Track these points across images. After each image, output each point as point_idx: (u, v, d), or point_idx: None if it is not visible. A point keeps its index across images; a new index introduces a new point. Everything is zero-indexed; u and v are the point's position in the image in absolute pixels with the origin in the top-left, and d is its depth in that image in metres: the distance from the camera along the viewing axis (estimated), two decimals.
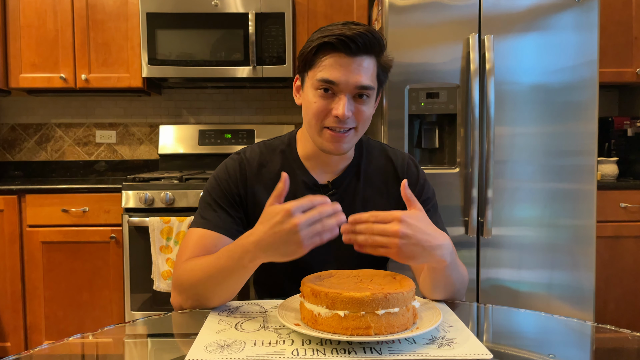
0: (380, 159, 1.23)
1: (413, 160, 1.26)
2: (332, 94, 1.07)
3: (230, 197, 1.15)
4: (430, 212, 1.18)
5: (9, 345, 2.50)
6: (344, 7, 2.78)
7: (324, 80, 1.05)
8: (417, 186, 1.21)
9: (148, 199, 2.37)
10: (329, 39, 1.04)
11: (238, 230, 1.14)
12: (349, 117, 1.05)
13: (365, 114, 1.09)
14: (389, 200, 1.20)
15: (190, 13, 2.66)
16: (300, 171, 1.18)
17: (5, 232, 2.47)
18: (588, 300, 2.22)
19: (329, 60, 1.05)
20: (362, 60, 1.05)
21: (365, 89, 1.06)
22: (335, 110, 1.06)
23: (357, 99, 1.07)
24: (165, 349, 0.94)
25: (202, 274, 1.00)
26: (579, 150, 2.19)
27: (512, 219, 2.20)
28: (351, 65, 1.04)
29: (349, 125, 1.08)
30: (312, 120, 1.10)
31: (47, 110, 3.12)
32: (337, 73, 1.04)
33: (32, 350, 0.86)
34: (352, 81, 1.04)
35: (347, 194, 1.18)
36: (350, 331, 0.80)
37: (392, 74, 2.20)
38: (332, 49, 1.05)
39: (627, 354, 0.93)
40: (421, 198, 1.19)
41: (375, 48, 1.07)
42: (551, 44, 2.17)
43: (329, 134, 1.08)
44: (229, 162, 1.19)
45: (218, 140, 3.00)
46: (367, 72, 1.06)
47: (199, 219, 1.13)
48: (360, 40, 1.03)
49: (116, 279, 2.49)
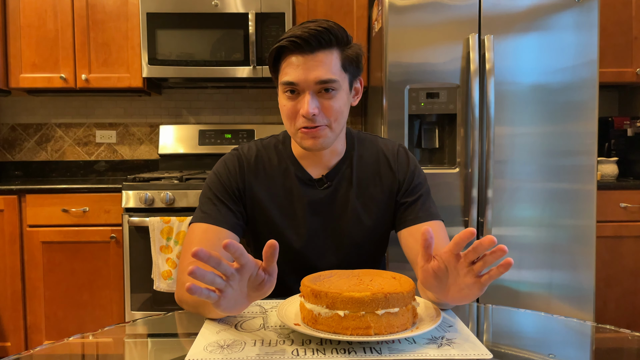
0: (371, 149, 1.24)
1: (404, 147, 1.26)
2: (297, 94, 1.08)
3: (231, 192, 1.16)
4: (423, 197, 1.20)
5: (9, 345, 2.50)
6: (344, 7, 2.78)
7: (285, 83, 1.08)
8: (408, 173, 1.21)
9: (148, 199, 2.37)
10: (282, 43, 1.07)
11: (239, 225, 1.15)
12: (314, 113, 1.06)
13: (334, 108, 1.09)
14: (382, 189, 1.21)
15: (190, 13, 2.66)
16: (295, 167, 1.20)
17: (5, 232, 2.47)
18: (588, 300, 2.22)
19: (287, 63, 1.08)
20: (320, 55, 1.06)
21: (326, 83, 1.07)
22: (301, 109, 1.07)
23: (323, 94, 1.08)
24: (165, 349, 0.94)
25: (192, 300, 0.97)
26: (579, 150, 2.19)
27: (512, 219, 2.20)
28: (307, 63, 1.06)
29: (319, 122, 1.08)
30: (287, 123, 1.12)
31: (47, 110, 3.12)
32: (295, 73, 1.06)
33: (32, 350, 0.86)
34: (311, 78, 1.06)
35: (341, 186, 1.20)
36: (350, 331, 0.80)
37: (392, 74, 2.23)
38: (288, 52, 1.07)
39: (627, 354, 0.94)
40: (412, 184, 1.20)
41: (332, 41, 1.07)
42: (551, 44, 2.17)
43: (302, 133, 1.09)
44: (228, 158, 1.21)
45: (218, 140, 3.00)
46: (326, 66, 1.06)
47: (200, 214, 1.13)
48: (313, 38, 1.05)
49: (116, 279, 2.49)
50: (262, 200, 1.17)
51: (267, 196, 1.18)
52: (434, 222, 1.17)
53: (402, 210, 1.19)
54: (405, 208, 1.19)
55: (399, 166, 1.22)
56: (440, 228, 1.17)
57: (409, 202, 1.19)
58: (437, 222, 1.17)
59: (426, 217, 1.17)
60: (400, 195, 1.20)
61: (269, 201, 1.18)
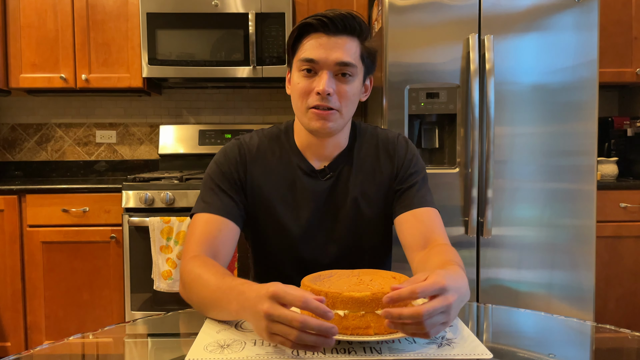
0: (372, 140, 1.24)
1: (404, 137, 1.26)
2: (314, 73, 1.08)
3: (232, 181, 1.15)
4: (418, 184, 1.19)
5: (9, 345, 2.50)
6: (344, 7, 2.76)
7: (305, 59, 1.08)
8: (405, 160, 1.21)
9: (148, 199, 2.37)
10: (309, 21, 1.07)
11: (240, 215, 1.15)
12: (329, 92, 1.06)
13: (348, 94, 1.09)
14: (382, 180, 1.20)
15: (190, 13, 2.66)
16: (297, 158, 1.19)
17: (5, 232, 2.47)
18: (588, 300, 2.22)
19: (310, 41, 1.08)
20: (343, 39, 1.08)
21: (346, 66, 1.07)
22: (317, 87, 1.07)
23: (340, 78, 1.08)
24: (165, 349, 0.94)
25: (197, 298, 0.96)
26: (579, 150, 2.19)
27: (512, 219, 2.20)
28: (330, 42, 1.07)
29: (332, 104, 1.08)
30: (298, 102, 1.11)
31: (48, 110, 3.12)
32: (317, 51, 1.07)
33: (33, 350, 0.86)
34: (332, 58, 1.06)
35: (342, 176, 1.19)
36: (350, 331, 0.80)
37: (392, 74, 2.23)
38: (313, 31, 1.08)
39: (627, 354, 0.94)
40: (408, 171, 1.20)
41: (356, 30, 1.09)
42: (551, 44, 2.17)
43: (313, 113, 1.09)
44: (229, 147, 1.20)
45: (218, 140, 3.00)
46: (348, 51, 1.08)
47: (201, 204, 1.13)
48: (340, 21, 1.06)
49: (116, 279, 2.49)
50: (263, 190, 1.17)
51: (268, 186, 1.17)
52: (428, 208, 1.16)
53: (398, 197, 1.19)
54: (401, 194, 1.18)
55: (397, 154, 1.21)
56: (434, 215, 1.16)
57: (403, 188, 1.18)
58: (431, 209, 1.16)
59: (420, 204, 1.16)
60: (397, 182, 1.20)
61: (270, 191, 1.17)
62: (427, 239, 1.11)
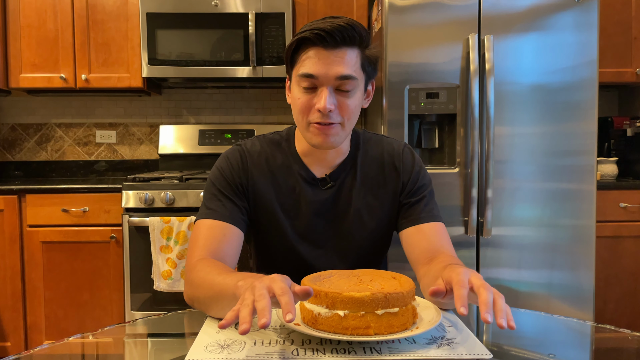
0: (376, 149, 1.23)
1: (409, 147, 1.25)
2: (314, 88, 1.07)
3: (234, 186, 1.15)
4: (426, 198, 1.19)
5: (9, 345, 2.50)
6: (344, 7, 2.78)
7: (304, 75, 1.05)
8: (412, 174, 1.21)
9: (148, 198, 2.37)
10: (306, 34, 1.04)
11: (243, 220, 1.15)
12: (331, 109, 1.05)
13: (350, 108, 1.08)
14: (386, 190, 1.20)
15: (190, 13, 2.66)
16: (298, 166, 1.19)
17: (5, 232, 2.47)
18: (588, 300, 2.22)
19: (308, 55, 1.05)
20: (342, 52, 1.05)
21: (346, 79, 1.05)
22: (317, 103, 1.06)
23: (341, 92, 1.07)
24: (165, 349, 0.94)
25: (205, 294, 0.96)
26: (579, 150, 2.19)
27: (511, 219, 2.20)
28: (330, 57, 1.04)
29: (334, 119, 1.07)
30: (299, 117, 1.10)
31: (47, 110, 3.12)
32: (316, 66, 1.04)
33: (32, 350, 0.86)
34: (332, 73, 1.04)
35: (344, 186, 1.19)
36: (350, 331, 0.80)
37: (392, 74, 2.22)
38: (311, 44, 1.05)
39: (627, 354, 0.94)
40: (416, 185, 1.20)
41: (356, 40, 1.06)
42: (551, 44, 2.17)
43: (315, 128, 1.08)
44: (230, 153, 1.20)
45: (218, 140, 3.00)
46: (348, 63, 1.05)
47: (205, 210, 1.13)
48: (338, 33, 1.03)
49: (116, 279, 2.49)
50: (265, 197, 1.17)
51: (270, 193, 1.17)
52: (435, 223, 1.16)
53: (405, 210, 1.19)
54: (408, 208, 1.19)
55: (404, 167, 1.21)
56: (441, 229, 1.17)
57: (411, 202, 1.18)
58: (438, 223, 1.17)
59: (428, 218, 1.16)
60: (403, 195, 1.20)
61: (272, 198, 1.17)
62: (434, 253, 1.11)
